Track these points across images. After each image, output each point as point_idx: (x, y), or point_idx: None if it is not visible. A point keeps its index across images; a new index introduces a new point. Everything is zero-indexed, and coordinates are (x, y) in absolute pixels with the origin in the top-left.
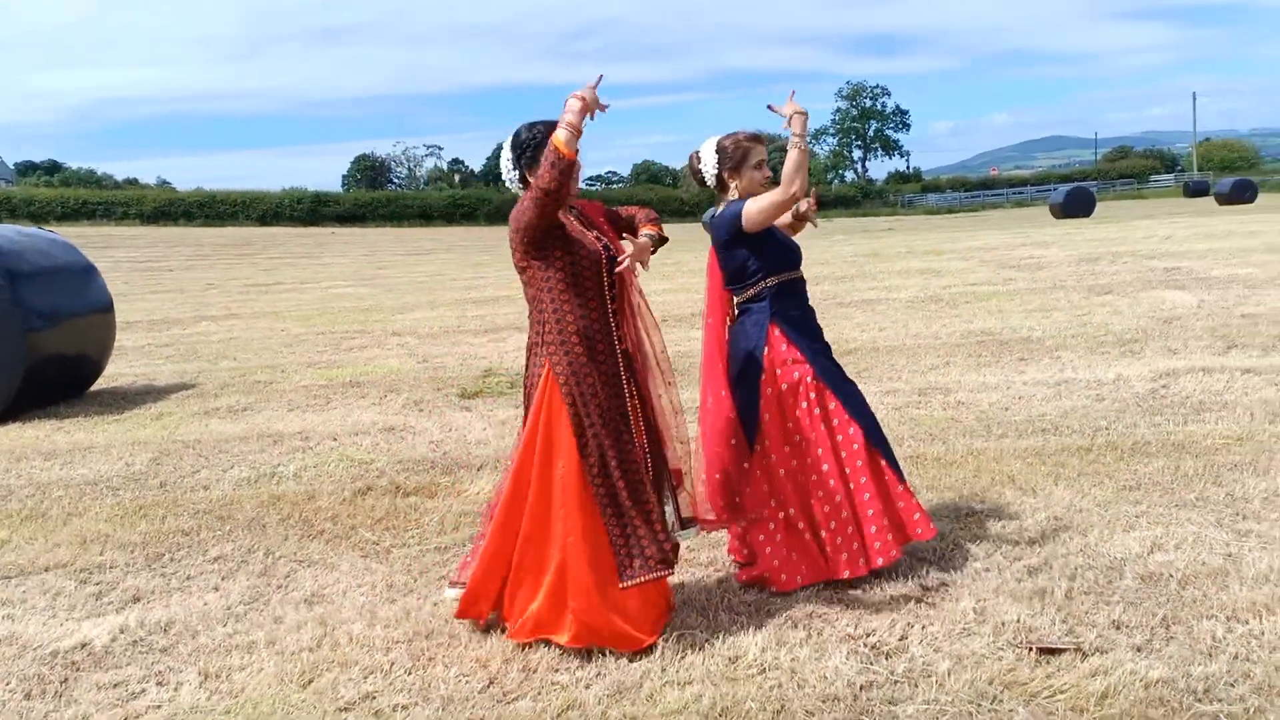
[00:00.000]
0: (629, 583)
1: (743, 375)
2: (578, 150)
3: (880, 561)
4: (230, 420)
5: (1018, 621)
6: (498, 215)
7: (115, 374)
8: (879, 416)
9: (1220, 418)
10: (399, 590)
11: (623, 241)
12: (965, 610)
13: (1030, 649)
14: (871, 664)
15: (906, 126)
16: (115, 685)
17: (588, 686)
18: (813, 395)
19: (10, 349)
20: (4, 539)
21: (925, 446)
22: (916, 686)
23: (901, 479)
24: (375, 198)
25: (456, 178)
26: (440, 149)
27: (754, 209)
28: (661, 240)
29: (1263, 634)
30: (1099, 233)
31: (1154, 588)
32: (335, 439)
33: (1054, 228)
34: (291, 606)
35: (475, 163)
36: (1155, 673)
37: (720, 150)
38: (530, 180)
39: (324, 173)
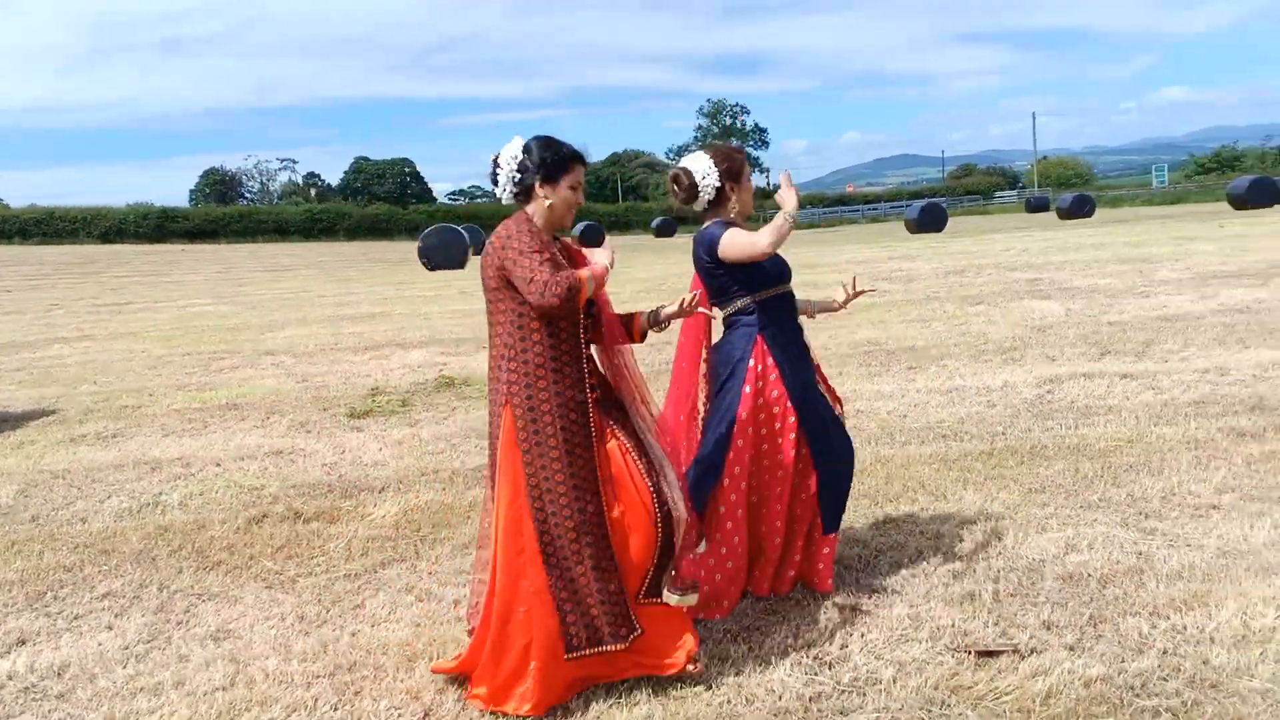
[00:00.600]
0: (572, 656)
1: (725, 387)
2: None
3: (781, 591)
4: (100, 448)
5: (953, 626)
6: (358, 230)
7: None
8: None
9: (1108, 420)
10: (312, 621)
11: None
12: (900, 617)
13: (969, 652)
14: (817, 675)
15: (766, 144)
16: None
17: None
18: (790, 419)
19: None
20: None
21: None
22: (865, 695)
23: (834, 530)
24: (227, 213)
25: (313, 192)
26: (295, 162)
27: (731, 250)
28: None
29: (1185, 629)
30: (958, 246)
31: (1076, 587)
32: (219, 464)
33: (913, 242)
34: (196, 643)
35: (332, 177)
36: (1093, 671)
37: (723, 161)
38: (540, 192)
39: (170, 187)
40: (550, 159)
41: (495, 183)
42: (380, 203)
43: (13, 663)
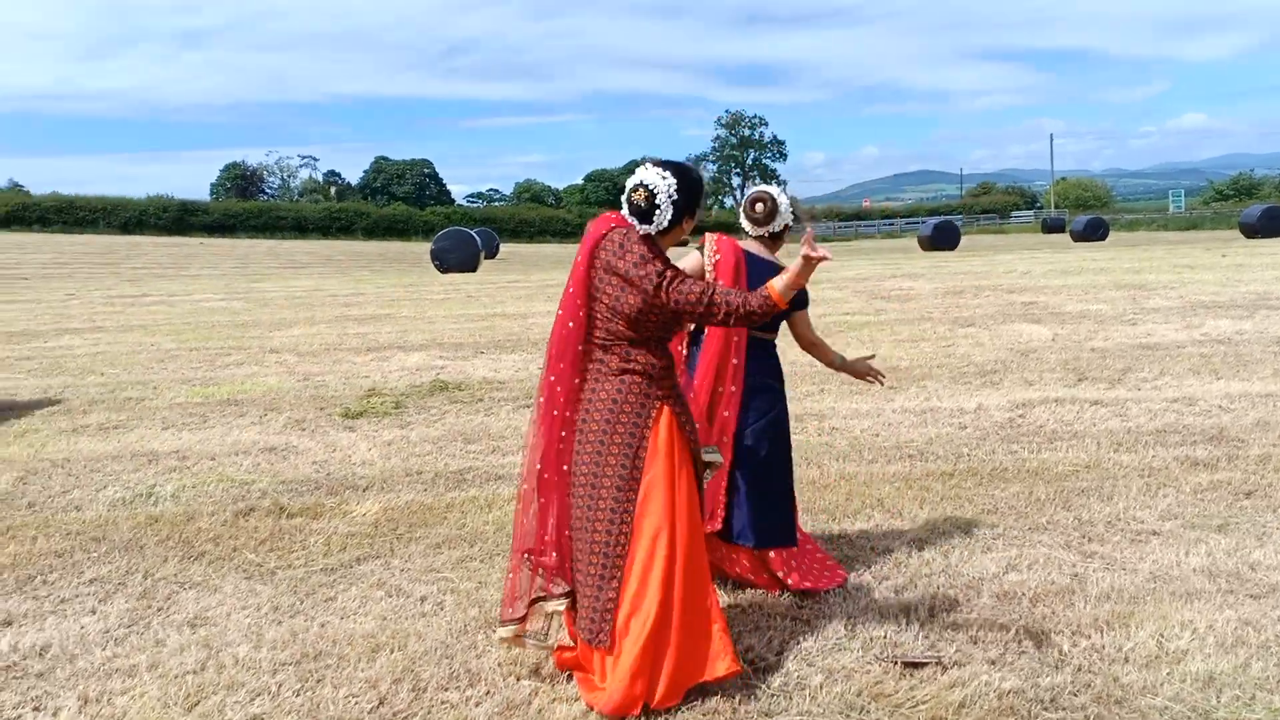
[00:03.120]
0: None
1: (763, 401)
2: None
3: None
4: (101, 439)
5: (885, 637)
6: (375, 230)
7: None
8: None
9: (1070, 446)
10: (285, 612)
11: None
12: (838, 628)
13: (895, 662)
14: (750, 679)
15: (783, 156)
16: None
17: (477, 704)
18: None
19: None
20: None
21: (801, 470)
22: (790, 699)
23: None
24: (247, 208)
25: (333, 190)
26: (316, 160)
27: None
28: None
29: (1104, 647)
30: (964, 266)
31: (1008, 605)
32: (214, 459)
33: (923, 259)
34: (174, 629)
35: (352, 175)
36: (1007, 684)
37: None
38: (684, 225)
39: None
40: (700, 196)
41: (643, 213)
42: (399, 203)
43: None
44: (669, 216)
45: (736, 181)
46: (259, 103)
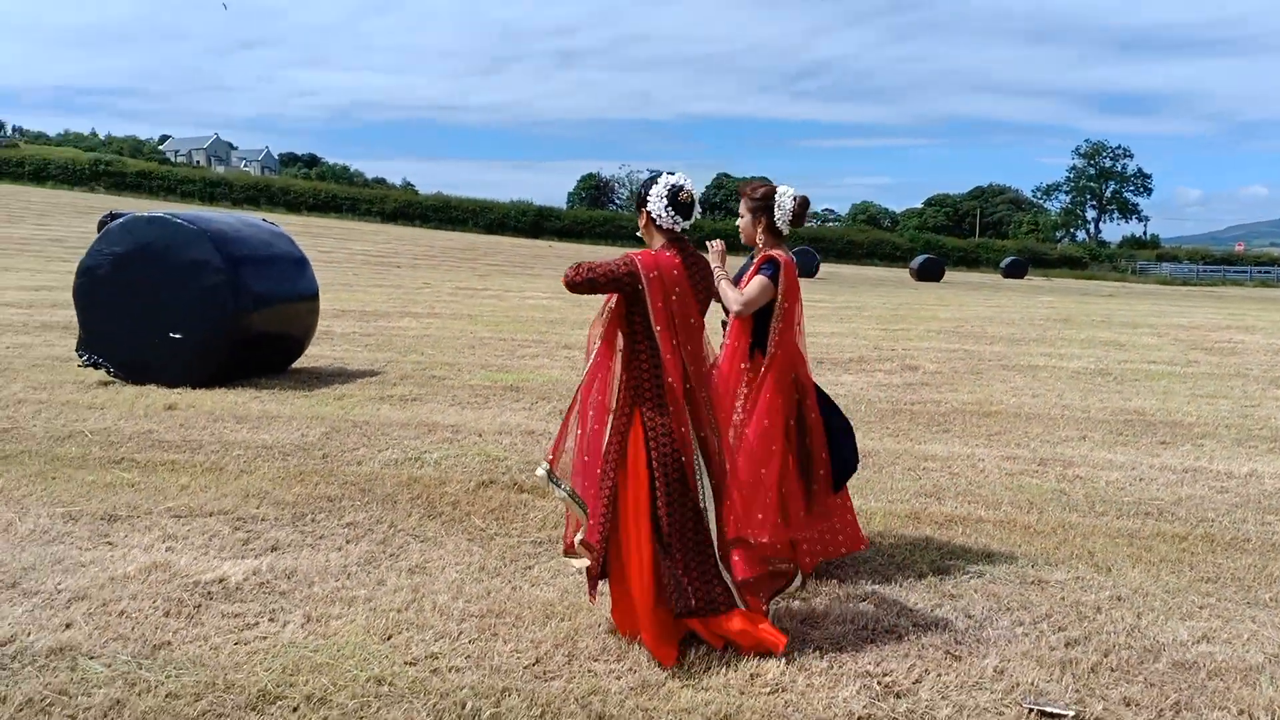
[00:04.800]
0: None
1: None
2: None
3: None
4: (399, 408)
5: (1032, 684)
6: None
7: (317, 355)
8: (989, 478)
9: None
10: (488, 573)
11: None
12: (987, 667)
13: (1030, 710)
14: (879, 701)
15: (1148, 190)
16: (236, 616)
17: (618, 678)
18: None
19: (224, 324)
20: (186, 484)
21: (1018, 513)
22: None
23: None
24: (594, 216)
25: None
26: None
27: None
28: None
29: None
30: None
31: (1182, 674)
32: (480, 435)
33: (1275, 313)
34: (396, 573)
35: (696, 189)
36: None
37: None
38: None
39: (549, 188)
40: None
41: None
42: (735, 218)
43: (260, 562)
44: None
45: (1091, 215)
46: (619, 119)
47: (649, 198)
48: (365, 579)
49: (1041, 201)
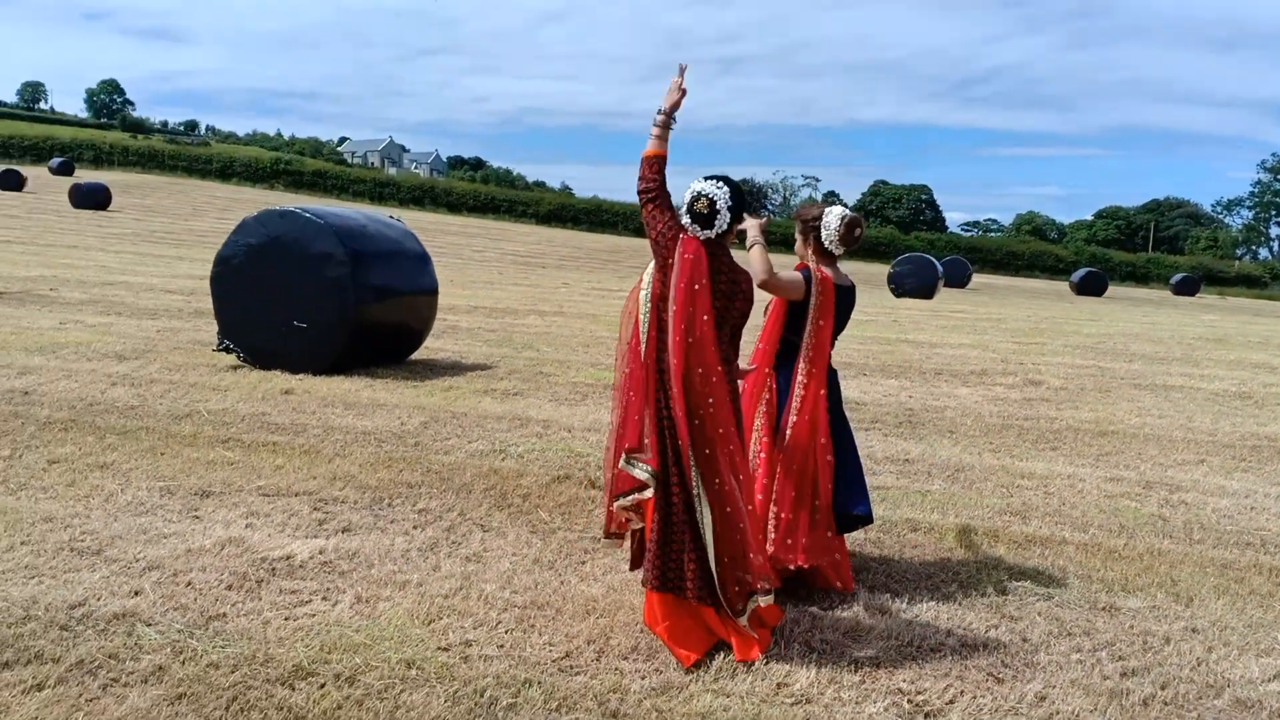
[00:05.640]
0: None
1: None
2: None
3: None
4: (498, 401)
5: (1074, 715)
6: (857, 251)
7: (437, 347)
8: (1085, 499)
9: None
10: (541, 565)
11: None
12: (1027, 693)
13: None
14: (908, 717)
15: None
16: (293, 593)
17: (643, 678)
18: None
19: (345, 315)
20: (281, 465)
21: (1105, 537)
22: None
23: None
24: None
25: None
26: (818, 180)
27: None
28: None
29: None
30: None
31: (1241, 712)
32: (569, 431)
33: None
34: (452, 560)
35: (850, 197)
36: None
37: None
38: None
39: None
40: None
41: (705, 219)
42: (891, 226)
43: (328, 542)
44: (727, 220)
45: (1276, 231)
46: (780, 125)
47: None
48: (422, 564)
49: (1221, 217)
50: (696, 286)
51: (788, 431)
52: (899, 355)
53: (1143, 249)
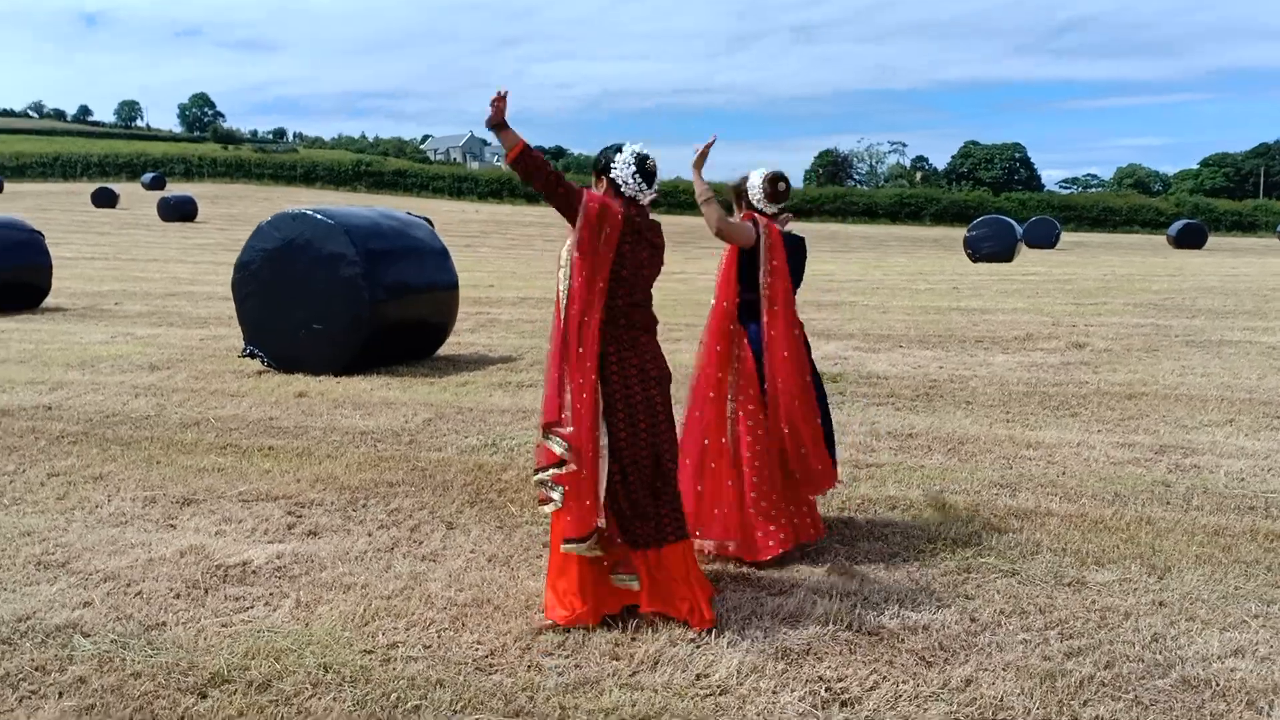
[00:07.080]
0: None
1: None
2: None
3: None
4: (510, 395)
5: (998, 699)
6: (944, 215)
7: (469, 341)
8: (1088, 468)
9: None
10: (497, 562)
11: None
12: (954, 677)
13: None
14: (819, 709)
15: None
16: (237, 599)
17: (561, 674)
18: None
19: (361, 314)
20: (268, 469)
21: (1095, 507)
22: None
23: None
24: (823, 193)
25: (919, 175)
26: (905, 146)
27: None
28: None
29: None
30: None
31: (1184, 692)
32: None
33: None
34: (408, 560)
35: (939, 160)
36: None
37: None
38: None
39: (789, 167)
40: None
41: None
42: (984, 188)
43: (288, 547)
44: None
45: None
46: (859, 91)
47: (614, 164)
48: (374, 565)
49: None
50: (603, 235)
51: (778, 381)
52: (944, 324)
53: (1253, 195)
